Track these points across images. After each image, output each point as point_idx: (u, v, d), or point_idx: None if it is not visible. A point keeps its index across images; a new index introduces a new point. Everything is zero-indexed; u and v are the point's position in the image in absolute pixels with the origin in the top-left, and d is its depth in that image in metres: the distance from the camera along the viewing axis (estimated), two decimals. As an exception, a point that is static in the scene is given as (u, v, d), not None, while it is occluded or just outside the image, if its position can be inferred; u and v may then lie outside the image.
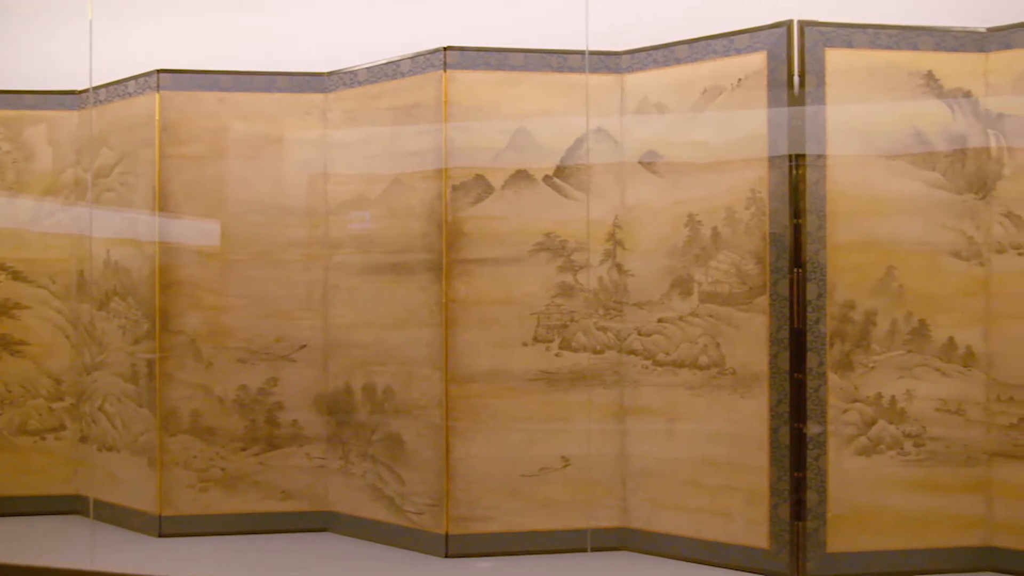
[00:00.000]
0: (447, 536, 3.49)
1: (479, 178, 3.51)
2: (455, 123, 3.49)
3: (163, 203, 3.81)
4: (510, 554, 3.49)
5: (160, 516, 3.81)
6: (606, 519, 3.53)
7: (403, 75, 3.62)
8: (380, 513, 3.69)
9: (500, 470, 3.51)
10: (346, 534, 3.80)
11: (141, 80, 3.89)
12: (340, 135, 3.82)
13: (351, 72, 3.79)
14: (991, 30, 3.26)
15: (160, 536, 3.80)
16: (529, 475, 3.51)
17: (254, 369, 3.84)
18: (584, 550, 3.48)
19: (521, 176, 3.51)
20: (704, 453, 3.38)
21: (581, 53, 3.49)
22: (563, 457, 3.52)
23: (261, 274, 3.85)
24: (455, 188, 3.50)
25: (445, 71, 3.50)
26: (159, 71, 3.83)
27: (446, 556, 3.49)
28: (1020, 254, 3.20)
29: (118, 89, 3.97)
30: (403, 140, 3.62)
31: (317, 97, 3.86)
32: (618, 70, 3.54)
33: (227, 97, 3.85)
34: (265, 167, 3.87)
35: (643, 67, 3.50)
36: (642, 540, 3.51)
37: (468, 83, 3.50)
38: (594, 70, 3.52)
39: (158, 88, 3.82)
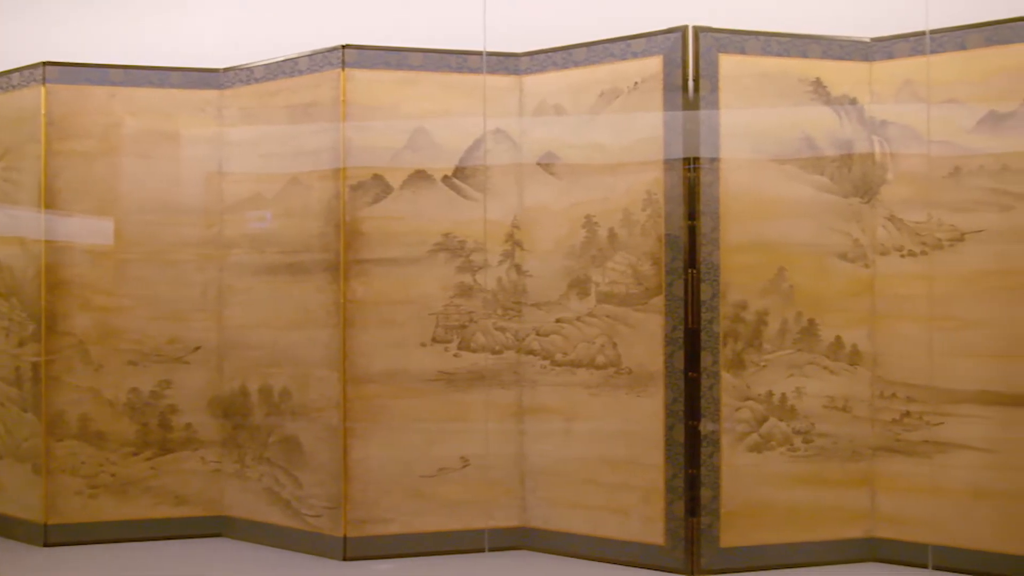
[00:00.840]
0: (345, 539, 3.46)
1: (377, 178, 3.48)
2: (353, 122, 3.46)
3: (50, 200, 3.68)
4: (409, 555, 3.48)
5: (46, 525, 3.68)
6: (505, 519, 3.54)
7: (301, 73, 3.57)
8: (276, 517, 3.64)
9: (399, 471, 3.49)
10: (242, 539, 3.73)
11: (26, 72, 3.75)
12: (236, 133, 3.75)
13: (247, 69, 3.72)
14: (875, 40, 3.38)
15: (46, 546, 3.67)
16: (428, 476, 3.50)
17: (146, 371, 3.75)
18: (483, 550, 3.49)
19: (420, 176, 3.50)
20: (601, 452, 3.42)
21: (480, 54, 3.50)
22: (462, 457, 3.52)
23: (154, 274, 3.76)
24: (353, 188, 3.46)
25: (343, 70, 3.46)
26: (45, 63, 3.70)
27: (344, 559, 3.46)
28: (902, 256, 3.33)
29: (1, 81, 3.82)
30: (300, 139, 3.57)
31: (212, 94, 3.78)
32: (517, 72, 3.55)
33: (118, 92, 3.74)
34: (159, 164, 3.78)
35: (542, 69, 3.52)
36: (540, 539, 3.53)
37: (366, 82, 3.48)
38: (493, 71, 3.53)
39: (44, 81, 3.69)
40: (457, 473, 3.51)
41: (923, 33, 3.28)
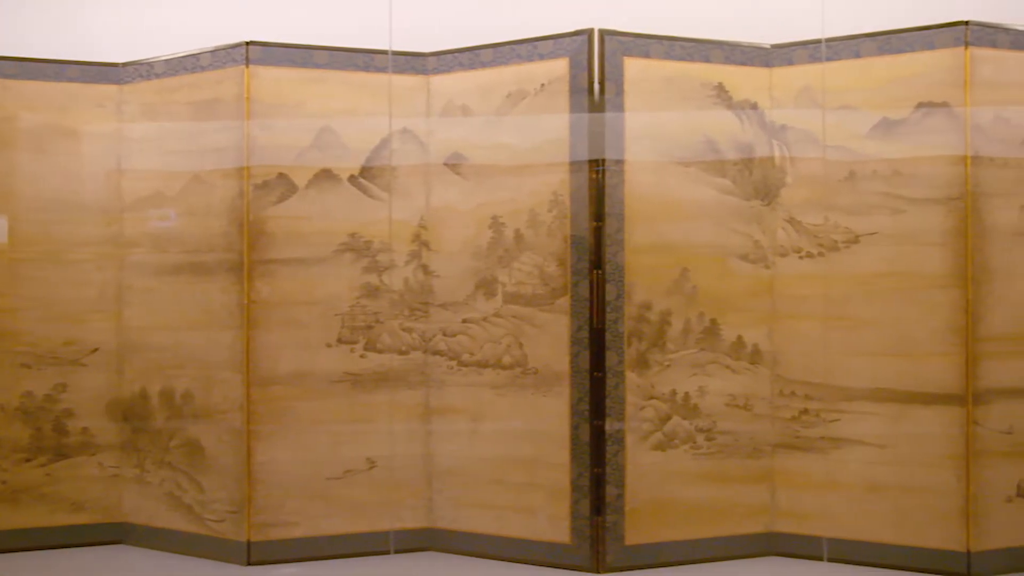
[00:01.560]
0: (249, 543, 3.40)
1: (282, 177, 3.43)
2: (258, 120, 3.41)
3: (-63, 197, 3.55)
4: (314, 559, 3.44)
5: (-68, 534, 3.55)
6: (412, 520, 3.53)
7: (203, 69, 3.50)
8: (178, 522, 3.56)
9: (304, 473, 3.45)
10: (142, 545, 3.64)
11: (-89, 64, 3.61)
12: (137, 129, 3.66)
13: (148, 64, 3.63)
14: (775, 47, 3.46)
15: (-68, 556, 3.55)
16: (334, 478, 3.47)
17: (40, 374, 3.63)
18: (388, 552, 3.47)
19: (325, 175, 3.46)
20: (508, 452, 3.44)
21: (386, 53, 3.48)
22: (368, 459, 3.49)
23: (49, 274, 3.64)
24: (257, 187, 3.41)
25: (247, 66, 3.41)
26: (-69, 55, 3.57)
27: (248, 564, 3.40)
28: (801, 258, 3.42)
29: None
30: (203, 136, 3.50)
31: (112, 88, 3.68)
32: (424, 71, 3.54)
33: (12, 85, 3.62)
34: (56, 161, 3.66)
35: (449, 69, 3.52)
36: (447, 539, 3.53)
37: (271, 79, 3.43)
38: (400, 71, 3.51)
39: (-69, 73, 3.56)
40: (363, 475, 3.49)
41: (820, 41, 3.38)
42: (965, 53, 3.21)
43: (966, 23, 3.22)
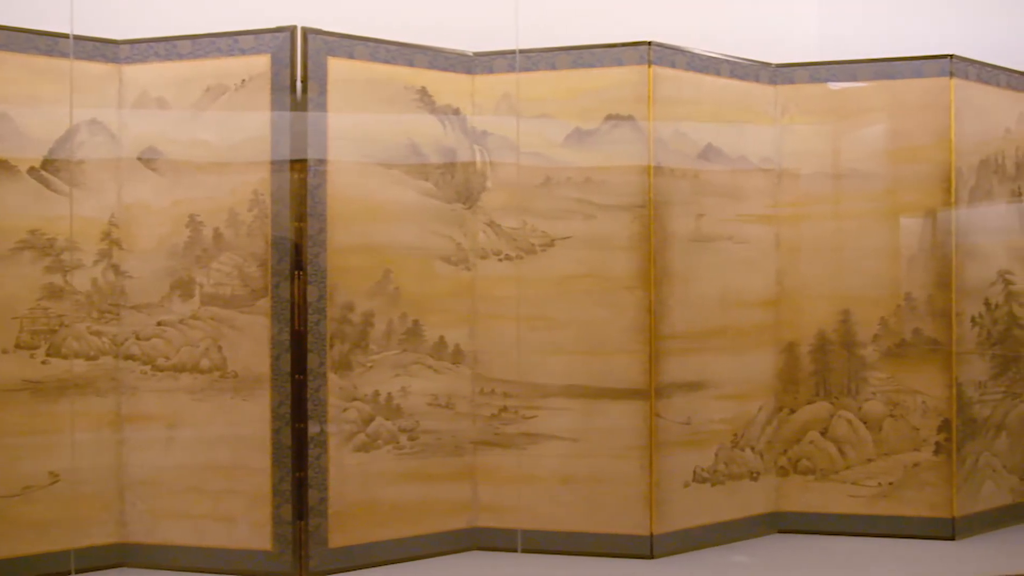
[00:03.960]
0: (-92, 571, 3.08)
1: (-52, 167, 3.14)
2: (-81, 103, 3.09)
3: None
4: (-13, 584, 3.16)
5: None
6: (101, 536, 3.32)
7: None
8: None
9: (-25, 492, 3.16)
10: None
11: None
12: None
13: None
14: (477, 54, 3.56)
15: None
16: (11, 496, 3.20)
17: None
18: (70, 572, 3.25)
19: (2, 167, 3.19)
20: (207, 458, 3.32)
21: (67, 37, 3.25)
22: (51, 473, 3.25)
23: None
24: (-81, 177, 3.09)
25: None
26: None
27: (-94, 594, 3.08)
28: (500, 260, 3.53)
29: None
30: None
31: None
32: (116, 60, 3.35)
33: None
34: None
35: (144, 59, 3.34)
36: (142, 554, 3.35)
37: (-65, 59, 3.12)
38: (88, 57, 3.29)
39: None
40: (44, 491, 3.24)
41: (515, 52, 3.50)
42: (648, 71, 3.45)
43: (649, 44, 3.45)
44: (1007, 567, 3.36)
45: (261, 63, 3.28)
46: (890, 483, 3.72)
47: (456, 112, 3.52)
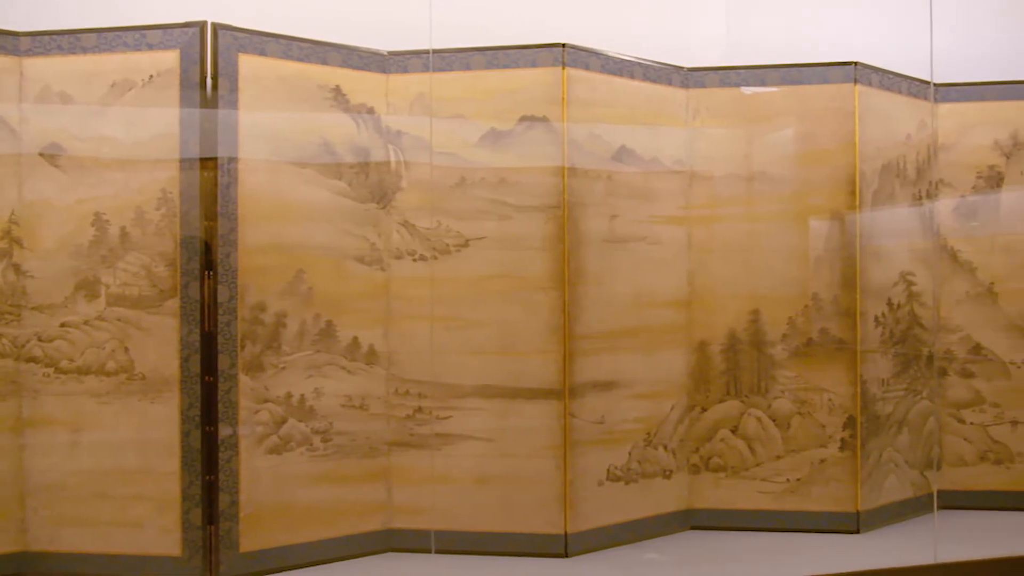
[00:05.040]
0: None
1: None
2: None
3: None
4: None
5: None
6: (2, 544, 3.21)
7: None
8: None
9: None
10: None
11: None
12: None
13: None
14: (392, 54, 3.54)
15: None
16: (-96, 503, 3.09)
17: None
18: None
19: None
20: (113, 463, 3.23)
21: (-37, 29, 3.15)
22: (-53, 480, 3.15)
23: None
24: None
25: None
26: None
27: None
28: (415, 260, 3.52)
29: None
30: None
31: None
32: (16, 52, 3.24)
33: None
34: None
35: (46, 52, 3.25)
36: (44, 563, 3.25)
37: None
38: (-14, 50, 3.20)
39: None
40: (-61, 498, 3.13)
41: (429, 52, 3.50)
42: (563, 73, 3.47)
43: (564, 46, 3.48)
44: (909, 559, 3.47)
45: (169, 59, 3.22)
46: (798, 479, 3.81)
47: (370, 111, 3.50)
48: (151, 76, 3.22)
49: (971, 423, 4.15)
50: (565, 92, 3.47)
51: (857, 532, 3.78)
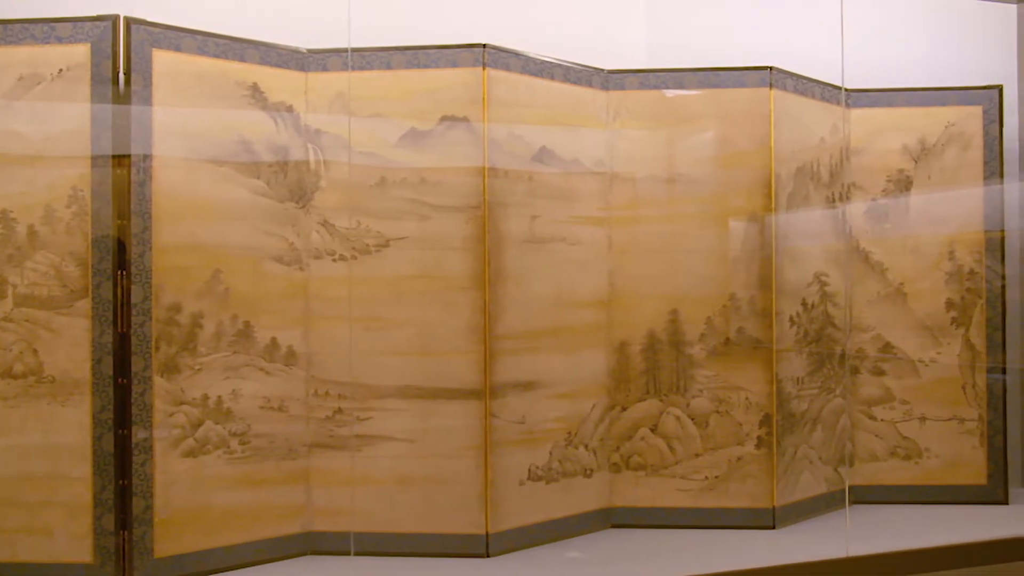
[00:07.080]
0: None
1: None
2: None
3: None
4: None
5: None
6: (-101, 555, 3.11)
7: None
8: None
9: None
10: None
11: None
12: None
13: None
14: (311, 52, 3.51)
15: None
16: None
17: None
18: None
19: None
20: (21, 469, 3.14)
21: None
22: None
23: None
24: None
25: None
26: None
27: None
28: (334, 260, 3.49)
29: None
30: None
31: None
32: (-82, 45, 3.14)
33: None
34: None
35: (-50, 45, 3.15)
36: (-53, 572, 3.16)
37: None
38: None
39: None
40: None
41: (348, 50, 3.47)
42: (483, 73, 3.48)
43: (484, 46, 3.48)
44: (823, 552, 3.54)
45: (80, 52, 3.14)
46: (716, 476, 3.87)
47: (289, 110, 3.46)
48: (60, 70, 3.14)
49: (882, 420, 4.27)
50: (486, 92, 3.48)
51: (773, 528, 3.85)
